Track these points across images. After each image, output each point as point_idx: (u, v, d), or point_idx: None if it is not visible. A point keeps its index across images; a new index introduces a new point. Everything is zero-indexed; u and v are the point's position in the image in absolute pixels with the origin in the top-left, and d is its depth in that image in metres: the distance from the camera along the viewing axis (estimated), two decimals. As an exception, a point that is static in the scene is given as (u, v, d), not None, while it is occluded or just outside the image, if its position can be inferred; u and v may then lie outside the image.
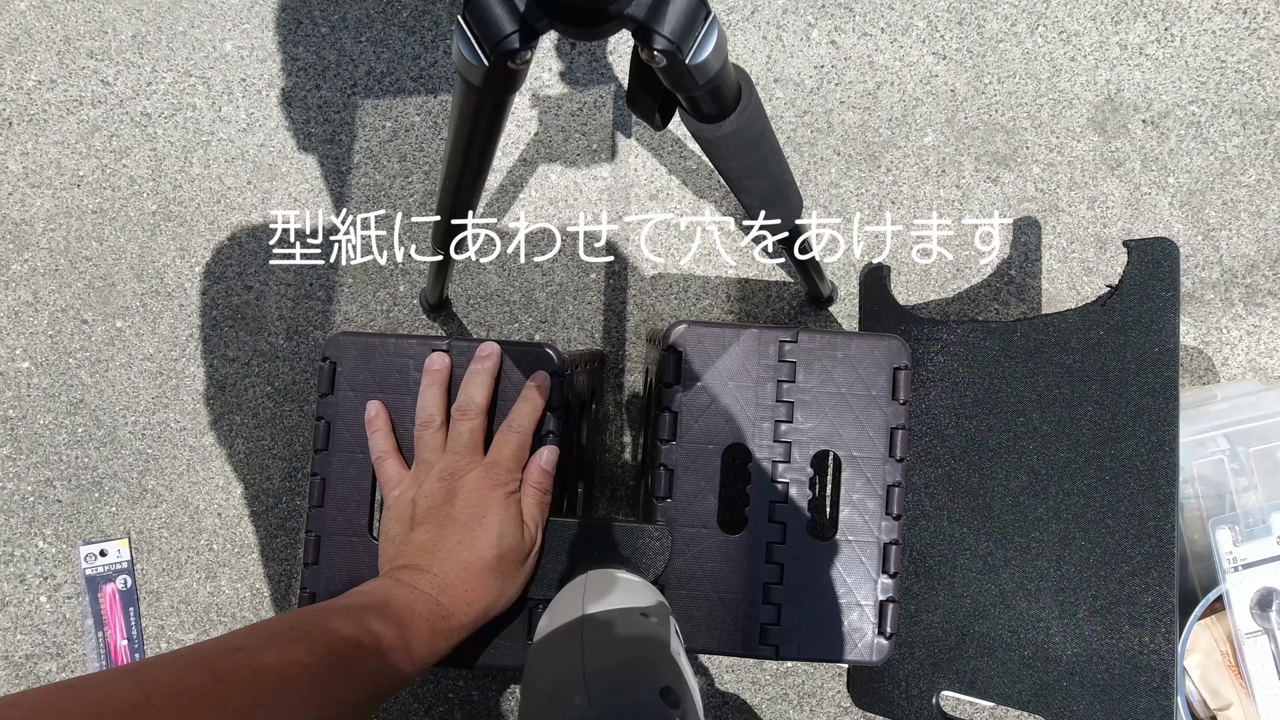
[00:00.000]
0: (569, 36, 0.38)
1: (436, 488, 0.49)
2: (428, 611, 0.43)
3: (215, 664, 0.35)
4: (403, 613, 0.42)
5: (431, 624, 0.42)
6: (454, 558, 0.45)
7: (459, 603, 0.44)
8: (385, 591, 0.43)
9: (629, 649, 0.31)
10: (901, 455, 0.54)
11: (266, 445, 0.76)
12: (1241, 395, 0.69)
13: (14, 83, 0.80)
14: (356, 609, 0.41)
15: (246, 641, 0.37)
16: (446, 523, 0.47)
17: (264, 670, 0.35)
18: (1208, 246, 0.77)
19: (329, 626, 0.39)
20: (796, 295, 0.78)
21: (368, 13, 0.80)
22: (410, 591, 0.43)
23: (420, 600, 0.43)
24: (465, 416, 0.51)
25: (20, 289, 0.78)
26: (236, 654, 0.36)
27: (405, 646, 0.41)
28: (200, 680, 0.33)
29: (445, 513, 0.47)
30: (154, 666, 0.34)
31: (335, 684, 0.37)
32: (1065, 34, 0.79)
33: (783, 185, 0.52)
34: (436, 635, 0.43)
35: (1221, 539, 0.64)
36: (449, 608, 0.44)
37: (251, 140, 0.79)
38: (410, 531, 0.48)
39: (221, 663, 0.35)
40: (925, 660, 0.63)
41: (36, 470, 0.76)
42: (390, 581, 0.44)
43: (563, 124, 0.79)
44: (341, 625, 0.39)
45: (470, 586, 0.45)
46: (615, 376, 0.77)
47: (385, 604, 0.42)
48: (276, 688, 0.35)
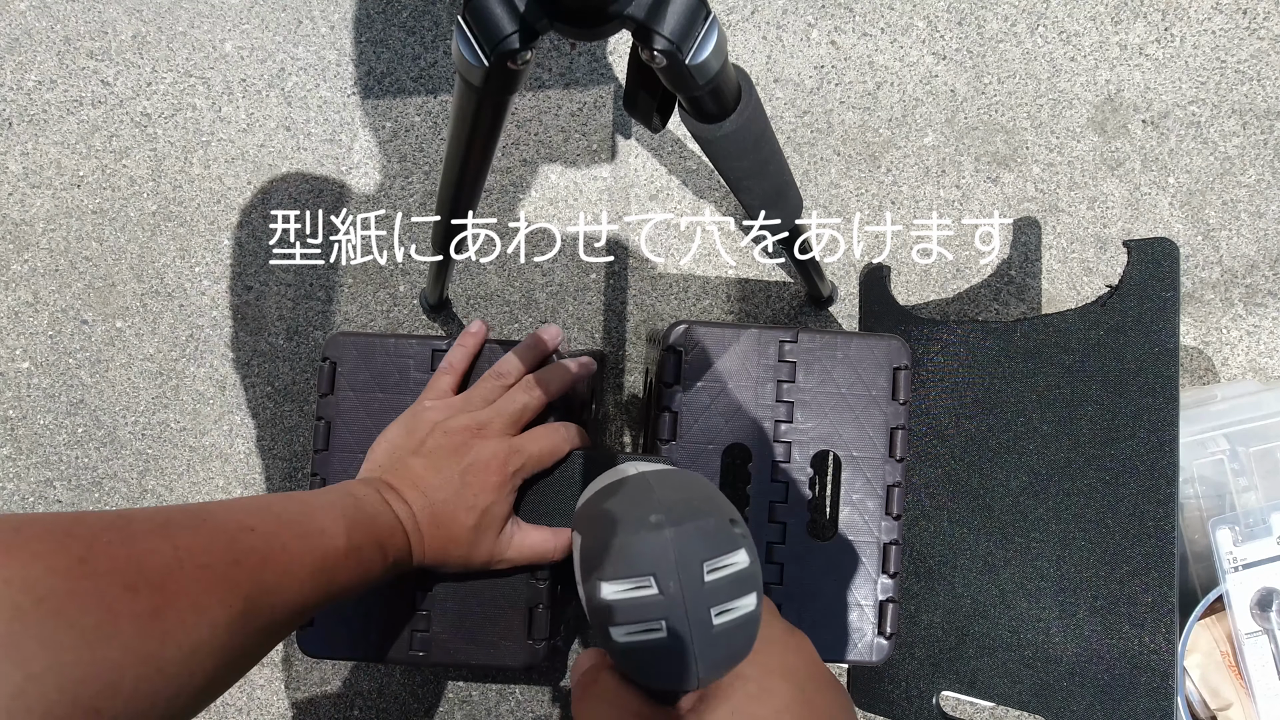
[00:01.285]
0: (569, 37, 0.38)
1: (459, 433, 0.48)
2: (399, 544, 0.44)
3: (234, 543, 0.35)
4: (383, 535, 0.43)
5: (395, 554, 0.44)
6: (434, 511, 0.46)
7: (420, 549, 0.46)
8: (374, 508, 0.44)
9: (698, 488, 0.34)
10: (901, 455, 0.54)
11: (266, 445, 0.76)
12: (1241, 395, 0.69)
13: (14, 83, 0.80)
14: (350, 520, 0.42)
15: (260, 523, 0.38)
16: (445, 471, 0.47)
17: (271, 561, 0.37)
18: (1208, 246, 0.77)
19: (327, 529, 0.40)
20: (796, 295, 0.78)
21: (368, 13, 0.80)
22: (392, 518, 0.45)
23: (397, 531, 0.45)
24: (529, 392, 0.51)
25: (20, 289, 0.78)
26: (251, 535, 0.37)
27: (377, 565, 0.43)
28: (223, 558, 0.34)
29: (450, 463, 0.47)
30: (184, 529, 0.34)
31: (320, 587, 0.39)
32: (1065, 34, 0.79)
33: (783, 185, 0.52)
34: (395, 566, 0.45)
35: (1221, 539, 0.64)
36: (414, 548, 0.46)
37: (251, 140, 0.79)
38: (412, 455, 0.48)
39: (239, 543, 0.36)
40: (925, 660, 0.63)
41: (36, 470, 0.76)
42: (378, 498, 0.45)
43: (563, 124, 0.79)
44: (336, 534, 0.40)
45: (435, 543, 0.46)
46: (615, 376, 0.77)
47: (373, 520, 0.43)
48: (276, 582, 0.36)
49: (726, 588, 0.31)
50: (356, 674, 0.73)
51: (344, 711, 0.73)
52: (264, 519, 0.38)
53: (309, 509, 0.41)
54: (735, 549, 0.31)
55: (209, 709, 0.74)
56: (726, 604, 0.31)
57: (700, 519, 0.32)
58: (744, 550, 0.32)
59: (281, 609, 0.37)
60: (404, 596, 0.53)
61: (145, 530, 0.33)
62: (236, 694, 0.74)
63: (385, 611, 0.53)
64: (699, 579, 0.31)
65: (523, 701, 0.73)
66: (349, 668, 0.74)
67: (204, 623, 0.32)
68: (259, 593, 0.35)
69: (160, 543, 0.32)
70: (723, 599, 0.31)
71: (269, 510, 0.39)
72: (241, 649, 0.35)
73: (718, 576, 0.31)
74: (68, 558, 0.29)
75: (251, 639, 0.35)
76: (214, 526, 0.36)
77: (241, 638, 0.34)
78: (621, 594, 0.31)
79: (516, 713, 0.73)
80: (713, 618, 0.30)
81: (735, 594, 0.31)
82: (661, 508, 0.32)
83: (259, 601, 0.35)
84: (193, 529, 0.34)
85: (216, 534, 0.35)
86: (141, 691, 0.29)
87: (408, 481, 0.47)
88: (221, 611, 0.33)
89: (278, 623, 0.37)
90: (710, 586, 0.31)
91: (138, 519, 0.33)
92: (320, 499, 0.42)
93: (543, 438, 0.50)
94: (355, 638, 0.53)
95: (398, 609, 0.53)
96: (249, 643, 0.35)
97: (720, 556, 0.31)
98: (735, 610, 0.31)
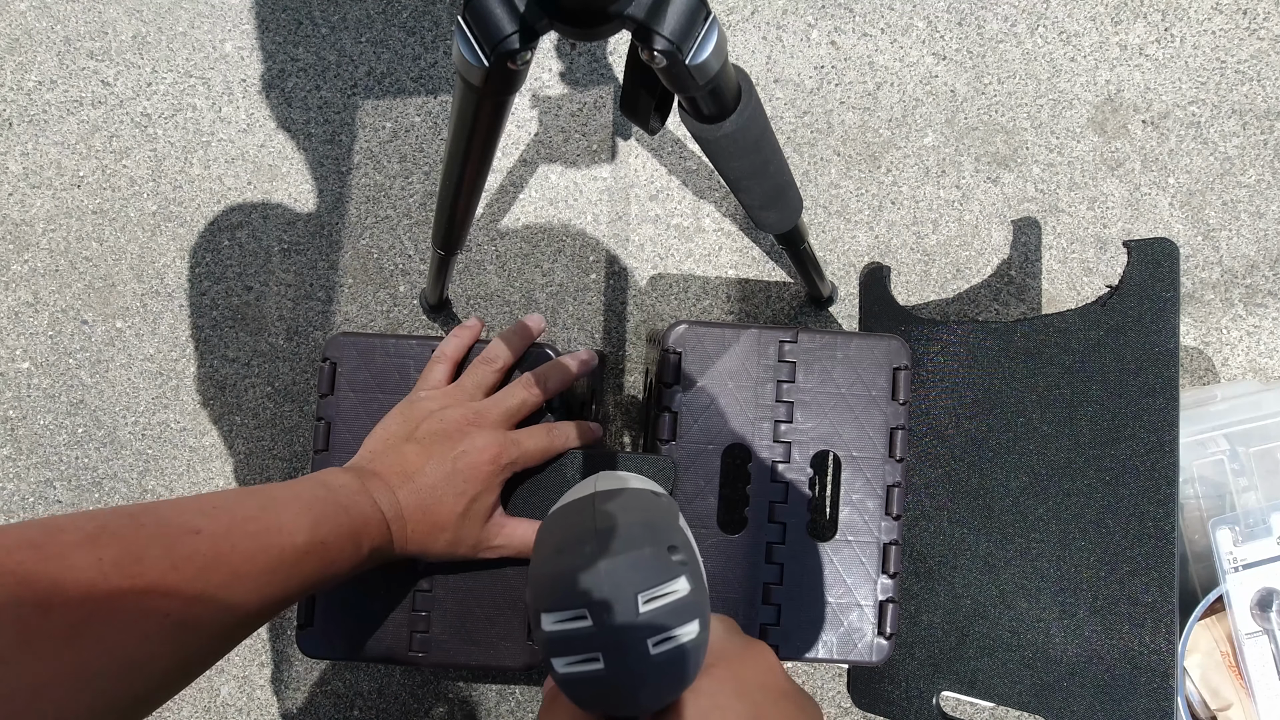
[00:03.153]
0: (569, 37, 0.38)
1: (453, 423, 0.48)
2: (375, 533, 0.44)
3: (173, 548, 0.34)
4: (356, 527, 0.43)
5: (372, 545, 0.44)
6: (420, 497, 0.46)
7: (402, 537, 0.46)
8: (349, 498, 0.43)
9: (638, 513, 0.34)
10: (901, 455, 0.54)
11: (266, 445, 0.76)
12: (1241, 395, 0.69)
13: (14, 83, 0.80)
14: (315, 514, 0.41)
15: (207, 524, 0.36)
16: (437, 457, 0.47)
17: (217, 563, 0.35)
18: (1208, 246, 0.77)
19: (286, 526, 0.39)
20: (796, 295, 0.78)
21: (368, 13, 0.80)
22: (369, 508, 0.44)
23: (373, 520, 0.44)
24: (528, 389, 0.51)
25: (20, 289, 0.78)
26: (195, 539, 0.35)
27: (346, 558, 0.42)
28: (157, 565, 0.33)
29: (443, 449, 0.47)
30: (115, 537, 0.33)
31: (277, 585, 0.38)
32: (1065, 34, 0.79)
33: (783, 186, 0.52)
34: (373, 557, 0.44)
35: (1221, 539, 0.64)
36: (395, 537, 0.45)
37: (251, 140, 0.79)
38: (406, 442, 0.48)
39: (179, 547, 0.35)
40: (925, 660, 0.63)
41: (36, 471, 0.76)
42: (357, 486, 0.44)
43: (563, 124, 0.79)
44: (296, 530, 0.40)
45: (419, 530, 0.46)
46: (615, 376, 0.77)
47: (344, 511, 0.42)
48: (223, 584, 0.35)
49: (665, 617, 0.31)
50: (356, 674, 0.73)
51: (344, 711, 0.73)
52: (213, 519, 0.37)
53: (270, 504, 0.40)
54: (673, 577, 0.31)
55: (208, 708, 0.74)
56: (665, 634, 0.30)
57: (635, 549, 0.31)
58: (683, 578, 0.31)
59: (232, 611, 0.36)
60: (403, 597, 0.53)
61: (71, 542, 0.32)
62: (237, 694, 0.74)
63: (384, 612, 0.53)
64: (633, 610, 0.30)
65: (523, 701, 0.73)
66: (349, 668, 0.74)
67: (136, 635, 0.32)
68: (202, 597, 0.34)
69: (83, 556, 0.31)
70: (660, 629, 0.30)
71: (223, 508, 0.38)
72: (185, 656, 0.34)
73: (654, 607, 0.31)
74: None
75: (198, 644, 0.35)
76: (152, 532, 0.34)
77: (184, 644, 0.34)
78: (558, 626, 0.31)
79: (516, 713, 0.73)
80: (650, 648, 0.30)
81: (674, 623, 0.31)
82: (597, 538, 0.32)
83: (202, 607, 0.34)
84: (126, 536, 0.33)
85: (153, 540, 0.34)
86: (67, 708, 0.29)
87: (396, 468, 0.46)
88: (157, 622, 0.32)
89: (230, 625, 0.36)
90: (646, 617, 0.30)
91: (67, 530, 0.32)
92: (286, 492, 0.42)
93: (540, 435, 0.50)
94: (355, 638, 0.53)
95: (397, 610, 0.53)
96: (195, 648, 0.35)
97: (656, 586, 0.31)
98: (675, 639, 0.31)
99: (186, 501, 0.38)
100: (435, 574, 0.53)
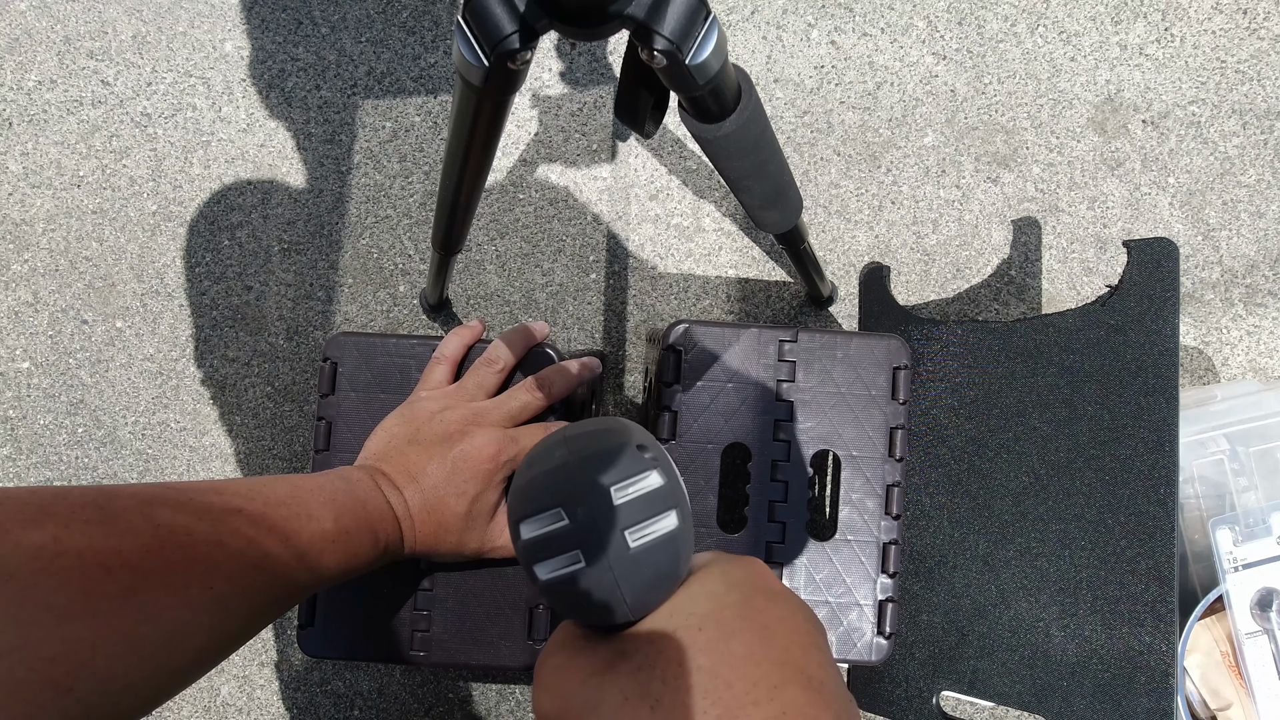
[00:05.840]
0: (569, 37, 0.38)
1: (454, 424, 0.48)
2: (390, 530, 0.44)
3: (219, 524, 0.35)
4: (374, 520, 0.43)
5: (387, 541, 0.44)
6: (425, 498, 0.46)
7: (411, 537, 0.46)
8: (366, 492, 0.44)
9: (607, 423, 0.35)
10: (901, 455, 0.54)
11: (266, 445, 0.76)
12: (1241, 395, 0.69)
13: (14, 83, 0.80)
14: (339, 505, 0.42)
15: (246, 505, 0.37)
16: (437, 457, 0.47)
17: (256, 543, 0.36)
18: (1208, 246, 0.77)
19: (315, 513, 0.40)
20: (796, 295, 0.78)
21: (368, 13, 0.80)
22: (384, 504, 0.44)
23: (388, 517, 0.44)
24: (531, 393, 0.51)
25: (20, 289, 0.78)
26: (237, 517, 0.36)
27: (366, 551, 0.42)
28: (205, 538, 0.34)
29: (443, 450, 0.47)
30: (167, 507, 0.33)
31: (307, 569, 0.39)
32: (1065, 34, 0.79)
33: (783, 185, 0.52)
34: (387, 554, 0.44)
35: (1221, 539, 0.64)
36: (405, 536, 0.46)
37: (251, 140, 0.79)
38: (408, 443, 0.48)
39: (224, 524, 0.35)
40: (925, 660, 0.63)
41: (36, 470, 0.76)
42: (371, 483, 0.45)
43: (563, 124, 0.79)
44: (324, 517, 0.40)
45: (427, 530, 0.46)
46: (615, 376, 0.77)
47: (363, 505, 0.43)
48: (260, 564, 0.36)
49: (640, 508, 0.31)
50: (356, 674, 0.73)
51: (344, 711, 0.73)
52: (251, 501, 0.38)
53: (298, 492, 0.41)
54: (644, 470, 0.32)
55: (208, 707, 0.74)
56: (642, 524, 0.31)
57: (603, 445, 0.32)
58: (655, 472, 0.32)
59: (267, 590, 0.36)
60: (404, 597, 0.53)
61: (127, 508, 0.32)
62: (237, 694, 0.74)
63: (385, 612, 0.53)
64: (607, 502, 0.31)
65: (523, 701, 0.73)
66: (349, 668, 0.74)
67: (182, 603, 0.32)
68: (242, 575, 0.35)
69: (141, 521, 0.32)
70: (637, 519, 0.31)
71: (257, 492, 0.39)
72: (224, 630, 0.35)
73: (628, 498, 0.31)
74: (41, 535, 0.29)
75: (235, 620, 0.35)
76: (199, 506, 0.35)
77: (223, 619, 0.34)
78: (537, 531, 0.31)
79: (516, 713, 0.73)
80: (629, 540, 0.31)
81: (650, 513, 0.31)
82: (566, 444, 0.33)
83: (242, 583, 0.35)
84: (176, 508, 0.34)
85: (201, 514, 0.35)
86: (116, 671, 0.29)
87: (401, 469, 0.47)
88: (201, 593, 0.33)
89: (264, 604, 0.37)
90: (621, 509, 0.31)
91: (121, 496, 0.33)
92: (310, 482, 0.42)
93: (539, 434, 0.51)
94: (355, 638, 0.53)
95: (398, 609, 0.53)
96: (232, 624, 0.35)
97: (628, 480, 0.31)
98: (653, 531, 0.31)
99: (224, 483, 0.38)
100: (436, 573, 0.53)
